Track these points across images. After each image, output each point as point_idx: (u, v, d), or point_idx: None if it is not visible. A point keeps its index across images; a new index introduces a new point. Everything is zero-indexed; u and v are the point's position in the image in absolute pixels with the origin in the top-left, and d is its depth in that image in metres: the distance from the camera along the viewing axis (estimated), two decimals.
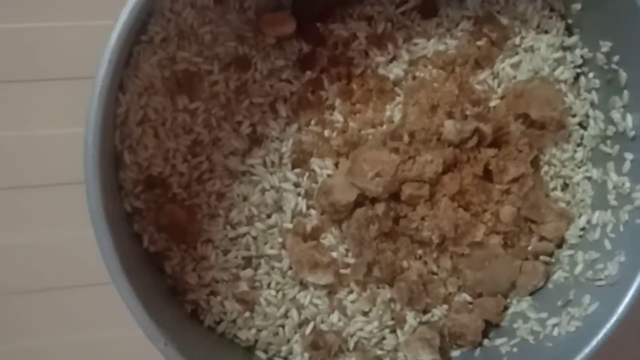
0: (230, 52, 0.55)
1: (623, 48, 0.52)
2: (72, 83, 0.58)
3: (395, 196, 0.54)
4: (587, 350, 0.49)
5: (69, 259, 0.60)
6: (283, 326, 0.56)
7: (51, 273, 0.61)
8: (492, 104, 0.56)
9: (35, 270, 0.61)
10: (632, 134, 0.53)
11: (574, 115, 0.57)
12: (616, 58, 0.53)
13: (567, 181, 0.58)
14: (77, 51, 0.57)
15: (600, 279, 0.53)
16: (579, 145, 0.58)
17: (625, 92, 0.53)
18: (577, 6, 0.55)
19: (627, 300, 0.50)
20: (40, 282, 0.61)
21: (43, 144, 0.60)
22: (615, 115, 0.54)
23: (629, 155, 0.53)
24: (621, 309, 0.50)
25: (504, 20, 0.57)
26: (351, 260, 0.55)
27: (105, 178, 0.47)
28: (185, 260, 0.54)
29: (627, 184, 0.53)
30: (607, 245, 0.53)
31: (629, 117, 0.53)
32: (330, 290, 0.56)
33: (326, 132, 0.56)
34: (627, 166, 0.53)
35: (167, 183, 0.54)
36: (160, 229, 0.53)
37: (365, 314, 0.56)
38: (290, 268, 0.55)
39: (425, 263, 0.55)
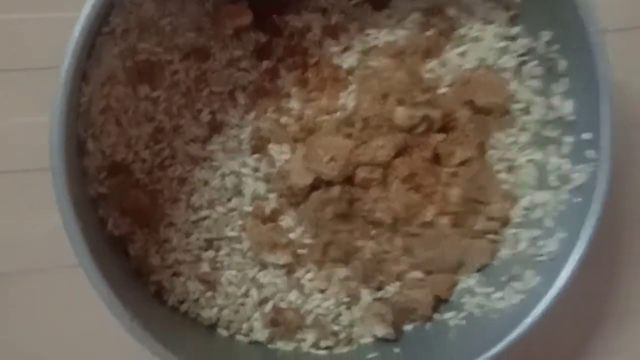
0: (189, 43, 0.56)
1: (562, 37, 0.55)
2: (36, 73, 0.59)
3: (349, 179, 0.56)
4: (529, 320, 0.52)
5: (34, 243, 0.61)
6: (244, 304, 0.57)
7: (17, 257, 0.62)
8: (440, 91, 0.58)
9: (1, 254, 0.62)
10: (570, 118, 0.55)
11: (517, 102, 0.59)
12: (556, 47, 0.56)
13: (512, 164, 0.60)
14: (40, 42, 0.58)
15: (541, 255, 0.55)
16: (522, 129, 0.60)
17: (564, 80, 0.55)
18: None
19: (566, 273, 0.52)
20: (5, 266, 0.62)
21: (7, 132, 0.61)
22: (555, 101, 0.56)
23: (569, 139, 0.56)
24: (560, 281, 0.52)
25: (451, 12, 0.59)
26: (308, 241, 0.57)
27: (70, 165, 0.48)
28: (149, 243, 0.56)
29: (567, 166, 0.56)
30: (548, 223, 0.56)
31: (567, 103, 0.55)
32: (289, 270, 0.57)
33: (283, 119, 0.57)
34: (566, 149, 0.56)
35: (130, 169, 0.55)
36: (124, 214, 0.55)
37: (322, 291, 0.58)
38: (250, 249, 0.57)
39: (379, 243, 0.57)
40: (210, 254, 0.57)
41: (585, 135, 0.54)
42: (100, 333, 0.57)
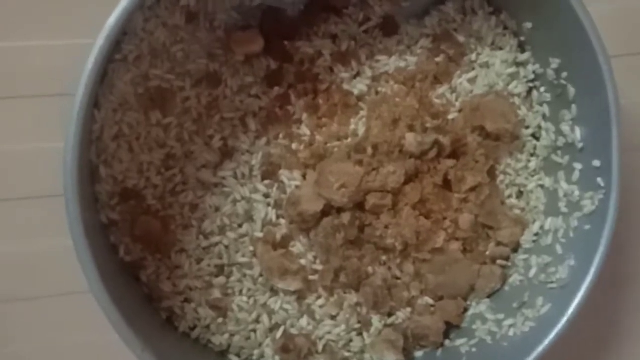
0: (201, 69, 0.57)
1: (570, 65, 0.55)
2: (50, 100, 0.59)
3: (360, 206, 0.56)
4: (540, 349, 0.52)
5: (46, 269, 0.61)
6: (255, 331, 0.57)
7: (30, 282, 0.62)
8: (450, 117, 0.59)
9: (14, 279, 0.61)
10: (580, 145, 0.56)
11: (527, 127, 0.60)
12: (564, 74, 0.56)
13: (522, 189, 0.60)
14: (54, 69, 0.58)
15: (552, 282, 0.55)
16: (532, 155, 0.60)
17: (574, 106, 0.56)
18: (529, 25, 0.58)
19: (576, 302, 0.53)
20: (19, 291, 0.62)
21: (20, 159, 0.61)
22: (565, 127, 0.57)
23: (578, 166, 0.56)
24: (571, 310, 0.52)
25: (461, 38, 0.60)
26: (319, 267, 0.57)
27: (82, 191, 0.49)
28: (160, 269, 0.56)
29: (577, 192, 0.56)
30: (559, 249, 0.56)
31: (577, 130, 0.56)
32: (300, 296, 0.57)
33: (294, 145, 0.58)
34: (576, 175, 0.56)
35: (142, 195, 0.55)
36: (136, 240, 0.55)
37: (333, 317, 0.58)
38: (261, 275, 0.57)
39: (390, 269, 0.58)
40: (221, 280, 0.57)
41: (595, 163, 0.54)
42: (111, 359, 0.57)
